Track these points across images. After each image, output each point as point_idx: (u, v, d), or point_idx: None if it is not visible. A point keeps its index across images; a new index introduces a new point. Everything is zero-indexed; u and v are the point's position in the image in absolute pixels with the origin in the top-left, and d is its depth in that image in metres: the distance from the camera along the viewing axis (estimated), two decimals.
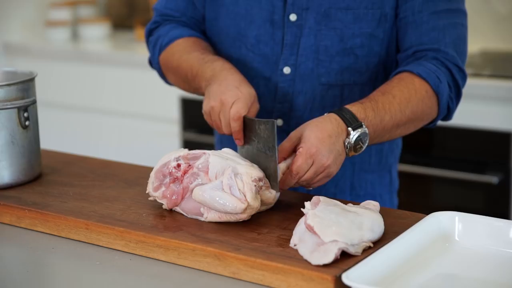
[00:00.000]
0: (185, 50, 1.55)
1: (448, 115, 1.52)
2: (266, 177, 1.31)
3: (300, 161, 1.29)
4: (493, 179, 2.37)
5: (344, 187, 1.61)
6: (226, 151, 1.34)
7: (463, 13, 1.52)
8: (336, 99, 1.55)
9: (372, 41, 1.51)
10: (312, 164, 1.30)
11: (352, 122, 1.34)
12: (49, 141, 2.41)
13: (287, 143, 1.33)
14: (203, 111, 1.43)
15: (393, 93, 1.42)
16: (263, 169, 1.32)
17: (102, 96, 3.21)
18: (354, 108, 1.37)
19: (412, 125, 1.47)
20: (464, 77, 1.51)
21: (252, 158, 1.35)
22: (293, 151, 1.33)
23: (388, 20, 1.51)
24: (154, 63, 1.65)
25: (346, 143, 1.34)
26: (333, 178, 1.56)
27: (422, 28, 1.49)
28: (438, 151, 2.52)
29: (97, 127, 3.24)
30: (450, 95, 1.49)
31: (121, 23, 3.69)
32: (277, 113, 1.57)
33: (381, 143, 1.55)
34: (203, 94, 1.49)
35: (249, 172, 1.26)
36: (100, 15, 3.72)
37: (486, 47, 2.91)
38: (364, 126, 1.35)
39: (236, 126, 1.36)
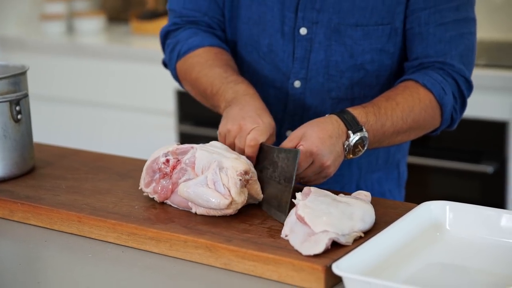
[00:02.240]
0: (206, 64, 1.50)
1: (451, 125, 1.52)
2: (275, 207, 1.27)
3: (300, 158, 1.29)
4: (488, 168, 2.38)
5: (350, 189, 1.60)
6: (214, 144, 1.33)
7: (471, 21, 1.50)
8: None
9: (382, 55, 1.50)
10: (312, 163, 1.30)
11: (353, 125, 1.34)
12: (44, 135, 2.41)
13: (288, 143, 1.32)
14: (218, 132, 1.39)
15: (397, 100, 1.42)
16: (272, 198, 1.28)
17: (97, 90, 3.21)
18: (356, 111, 1.37)
19: (413, 133, 1.47)
20: (470, 87, 1.51)
21: (262, 187, 1.31)
22: None
23: (398, 34, 1.50)
24: (170, 68, 1.60)
25: (345, 146, 1.34)
26: (339, 180, 1.57)
27: (429, 40, 1.47)
28: (433, 141, 2.52)
29: (93, 120, 3.24)
30: (454, 106, 1.49)
31: (116, 16, 3.68)
32: (288, 125, 1.57)
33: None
34: (220, 113, 1.46)
35: (235, 166, 1.25)
36: (95, 8, 3.71)
37: (481, 36, 2.89)
38: (364, 130, 1.35)
39: (250, 152, 1.33)
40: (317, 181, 1.34)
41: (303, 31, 1.50)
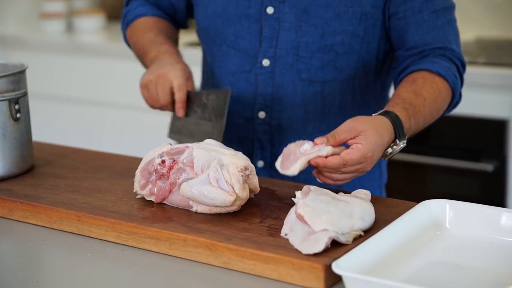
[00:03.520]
0: (143, 30, 1.66)
1: (454, 107, 1.55)
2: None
3: (356, 156, 1.27)
4: (488, 167, 2.37)
5: (332, 188, 1.60)
6: (209, 142, 1.34)
7: (454, 8, 1.55)
8: (318, 95, 1.57)
9: (353, 39, 1.53)
10: (360, 164, 1.29)
11: (401, 134, 1.35)
12: (43, 133, 2.41)
13: (346, 134, 1.29)
14: (140, 85, 1.54)
15: (424, 95, 1.43)
16: (205, 134, 1.41)
17: (97, 88, 3.21)
18: (403, 117, 1.37)
19: (432, 121, 1.49)
20: (464, 69, 1.54)
21: (191, 129, 1.44)
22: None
23: (368, 18, 1.52)
24: (123, 34, 1.76)
25: (388, 152, 1.35)
26: None
27: (424, 27, 1.50)
28: (433, 139, 2.52)
29: (93, 119, 3.24)
30: (460, 91, 1.52)
31: (116, 14, 3.68)
32: (259, 106, 1.59)
33: None
34: None
35: (235, 162, 1.26)
36: (94, 6, 3.71)
37: (481, 35, 2.90)
38: (406, 138, 1.36)
39: (182, 96, 1.48)
40: (344, 182, 1.32)
41: (269, 10, 1.54)
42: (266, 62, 1.56)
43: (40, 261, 1.24)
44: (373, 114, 1.37)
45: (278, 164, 1.29)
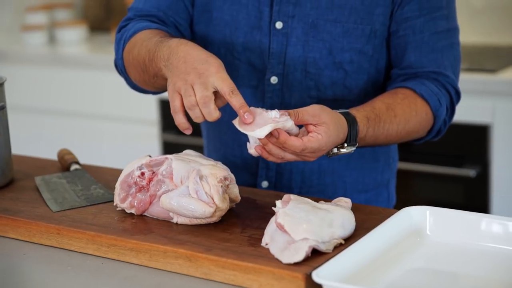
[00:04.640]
0: (146, 38, 1.42)
1: (436, 136, 1.52)
2: (56, 200, 1.39)
3: (315, 146, 1.25)
4: (471, 172, 2.38)
5: (312, 196, 1.58)
6: (188, 152, 1.33)
7: (457, 31, 1.51)
8: None
9: (361, 57, 1.49)
10: (311, 153, 1.26)
11: (352, 140, 1.33)
12: (25, 147, 2.40)
13: (309, 118, 1.26)
14: (169, 97, 1.29)
15: (396, 111, 1.41)
16: (59, 195, 1.41)
17: (80, 100, 3.20)
18: (361, 124, 1.34)
19: (400, 142, 1.47)
20: (459, 99, 1.51)
21: (57, 188, 1.45)
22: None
23: (377, 37, 1.48)
24: (118, 58, 1.52)
25: (331, 152, 1.33)
26: (324, 193, 1.55)
27: (422, 49, 1.47)
28: (416, 145, 2.52)
29: (75, 131, 3.22)
30: (445, 118, 1.49)
31: (98, 25, 3.68)
32: None
33: (376, 160, 1.55)
34: (161, 86, 1.41)
35: (214, 173, 1.25)
36: (76, 18, 3.70)
37: (462, 41, 2.90)
38: (355, 147, 1.34)
39: (240, 99, 1.23)
40: (284, 161, 1.29)
41: (278, 25, 1.49)
42: (274, 80, 1.50)
43: (20, 275, 1.23)
44: (337, 111, 1.33)
45: (236, 122, 1.24)
